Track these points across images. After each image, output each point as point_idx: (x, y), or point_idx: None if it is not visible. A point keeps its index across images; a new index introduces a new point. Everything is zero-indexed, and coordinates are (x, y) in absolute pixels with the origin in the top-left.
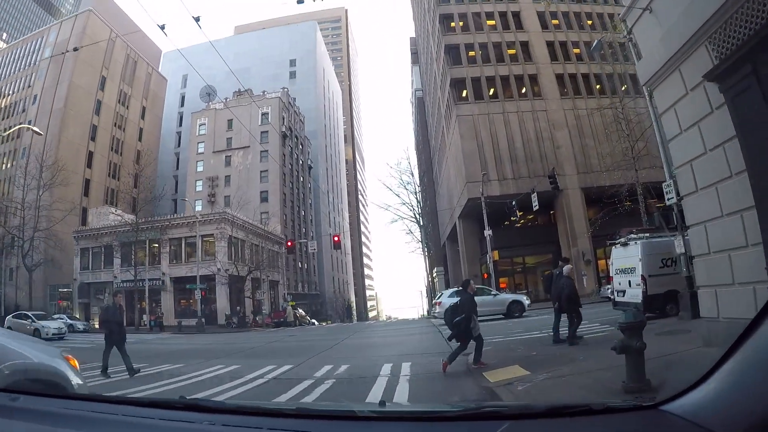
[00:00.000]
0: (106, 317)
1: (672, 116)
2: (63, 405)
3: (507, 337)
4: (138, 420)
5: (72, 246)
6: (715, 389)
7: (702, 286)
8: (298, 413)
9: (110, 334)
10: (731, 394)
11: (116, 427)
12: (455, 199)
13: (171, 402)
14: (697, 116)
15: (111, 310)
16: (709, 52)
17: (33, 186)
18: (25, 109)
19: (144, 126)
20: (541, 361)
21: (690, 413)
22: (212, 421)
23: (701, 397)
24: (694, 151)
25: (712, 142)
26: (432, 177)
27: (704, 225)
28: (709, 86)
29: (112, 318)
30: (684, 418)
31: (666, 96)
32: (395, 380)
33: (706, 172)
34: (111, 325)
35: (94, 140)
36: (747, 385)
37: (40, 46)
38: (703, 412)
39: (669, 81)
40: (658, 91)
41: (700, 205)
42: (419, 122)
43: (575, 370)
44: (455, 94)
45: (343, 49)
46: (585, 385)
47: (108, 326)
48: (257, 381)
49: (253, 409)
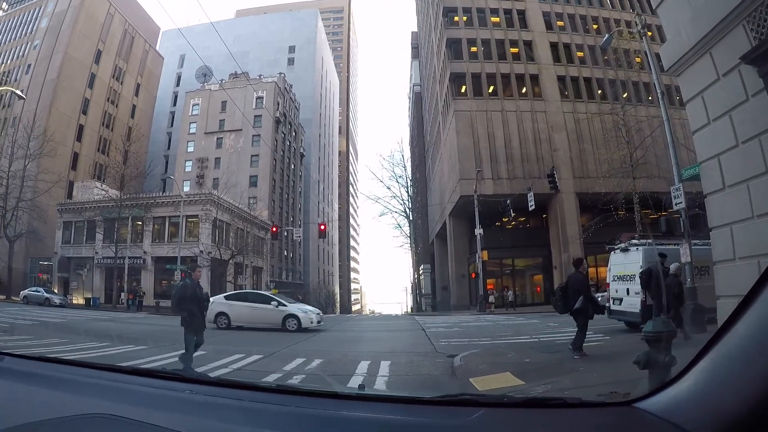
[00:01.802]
0: (183, 296)
1: (699, 105)
2: (47, 368)
3: (495, 340)
4: (120, 386)
5: (55, 219)
6: (687, 388)
7: (724, 296)
8: (279, 390)
9: (191, 318)
10: (703, 393)
11: (99, 391)
12: (447, 196)
13: (153, 371)
14: (729, 104)
15: (190, 288)
16: (747, 33)
17: (20, 155)
18: (18, 78)
19: (137, 103)
20: (537, 370)
21: (662, 410)
22: (194, 390)
23: (674, 395)
24: (724, 143)
25: (746, 133)
26: (424, 173)
27: (730, 227)
28: (746, 70)
29: (193, 297)
30: (656, 415)
31: (693, 82)
32: (372, 380)
33: (737, 168)
34: (192, 306)
35: (86, 114)
36: (718, 384)
37: (37, 15)
38: (675, 409)
39: (698, 65)
40: (683, 76)
41: (727, 204)
42: (415, 117)
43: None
44: (454, 88)
45: (344, 39)
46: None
47: (188, 308)
48: (220, 371)
49: (234, 382)
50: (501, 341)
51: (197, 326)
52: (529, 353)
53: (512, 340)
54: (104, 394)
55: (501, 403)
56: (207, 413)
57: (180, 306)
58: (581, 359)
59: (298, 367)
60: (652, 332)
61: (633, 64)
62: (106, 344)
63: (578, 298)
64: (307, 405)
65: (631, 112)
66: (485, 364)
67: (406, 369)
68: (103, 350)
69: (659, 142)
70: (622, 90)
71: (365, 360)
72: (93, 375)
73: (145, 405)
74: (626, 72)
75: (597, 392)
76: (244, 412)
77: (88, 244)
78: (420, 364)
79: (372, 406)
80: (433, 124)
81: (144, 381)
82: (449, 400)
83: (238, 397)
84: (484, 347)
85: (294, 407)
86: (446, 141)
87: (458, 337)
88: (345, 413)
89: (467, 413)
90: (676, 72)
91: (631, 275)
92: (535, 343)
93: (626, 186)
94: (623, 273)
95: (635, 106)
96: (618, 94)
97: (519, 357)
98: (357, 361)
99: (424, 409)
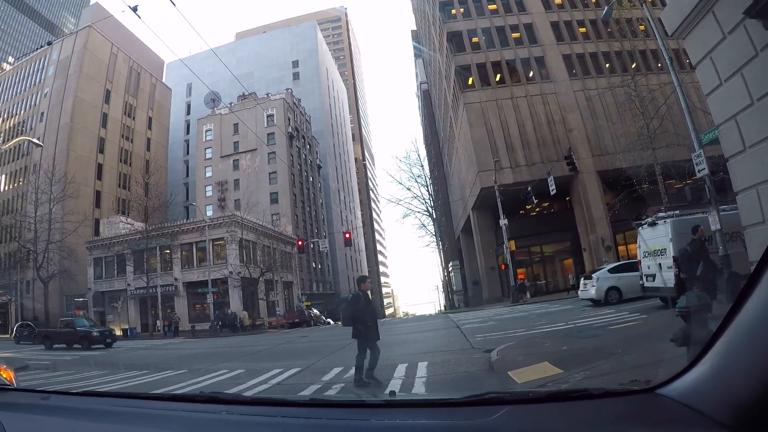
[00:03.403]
0: (355, 310)
1: (708, 66)
2: (91, 402)
3: (530, 330)
4: (162, 413)
5: (85, 256)
6: (704, 371)
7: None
8: (311, 403)
9: (366, 331)
10: (721, 375)
11: (140, 420)
12: (468, 190)
13: (190, 396)
14: (738, 62)
15: (360, 300)
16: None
17: (44, 200)
18: (33, 127)
19: (151, 136)
20: (574, 357)
21: (682, 396)
22: (230, 411)
23: (693, 379)
24: (739, 103)
25: (760, 89)
26: (443, 170)
27: (756, 189)
28: (751, 25)
29: (367, 308)
30: (677, 400)
31: (699, 44)
32: (410, 382)
33: (756, 126)
34: (365, 316)
35: (103, 152)
36: (734, 366)
37: (43, 65)
38: (695, 394)
39: (702, 26)
40: (689, 39)
41: (750, 166)
42: (426, 115)
43: (616, 366)
44: (461, 82)
45: (345, 47)
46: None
47: (360, 320)
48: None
49: (268, 400)
50: (537, 331)
51: (372, 336)
52: (566, 340)
53: (548, 329)
54: (146, 422)
55: (525, 399)
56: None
57: (354, 317)
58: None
59: (337, 377)
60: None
61: (637, 32)
62: (146, 372)
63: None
64: (336, 416)
65: (642, 82)
66: (522, 356)
67: (443, 368)
68: (144, 377)
69: (675, 108)
70: (630, 60)
71: (402, 363)
72: (134, 405)
73: (185, 429)
74: (632, 42)
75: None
76: (276, 428)
77: (120, 277)
78: (457, 362)
79: (398, 413)
80: (444, 119)
81: (182, 406)
82: (475, 400)
83: (272, 414)
84: (520, 339)
85: (325, 419)
86: (460, 135)
87: (493, 330)
88: (373, 421)
89: (491, 412)
90: (681, 35)
91: (661, 249)
92: (572, 330)
93: (647, 158)
94: (653, 248)
95: (646, 75)
96: (627, 66)
97: (556, 345)
98: (394, 365)
99: (449, 411)
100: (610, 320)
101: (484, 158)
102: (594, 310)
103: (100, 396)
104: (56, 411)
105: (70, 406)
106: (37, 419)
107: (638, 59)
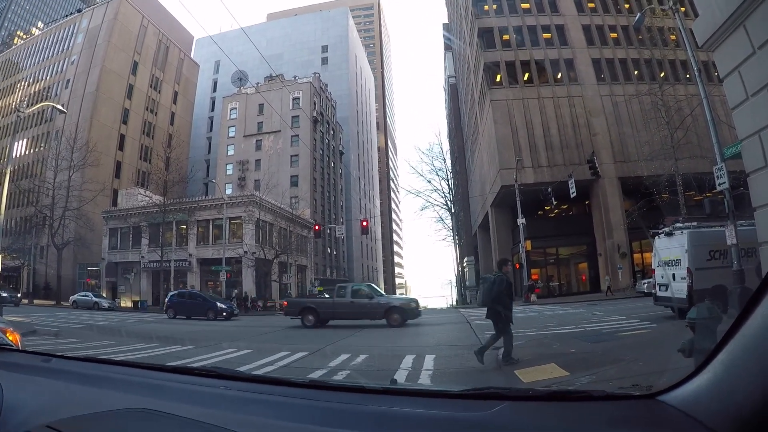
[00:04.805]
0: (499, 291)
1: (736, 80)
2: (91, 368)
3: (540, 331)
4: (160, 383)
5: (101, 226)
6: (708, 380)
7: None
8: (310, 385)
9: (506, 312)
10: (721, 386)
11: (139, 388)
12: (488, 187)
13: (191, 369)
14: (766, 78)
15: (504, 282)
16: None
17: (64, 167)
18: (58, 94)
19: (176, 110)
20: (582, 360)
21: (683, 404)
22: (228, 386)
23: (694, 388)
24: (764, 119)
25: None
26: (464, 165)
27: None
28: None
29: (505, 292)
30: (677, 408)
31: (729, 57)
32: (416, 374)
33: None
34: (504, 299)
35: (126, 123)
36: (735, 377)
37: (72, 32)
38: (695, 403)
39: (732, 39)
40: (718, 52)
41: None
42: (452, 109)
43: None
44: (489, 78)
45: (376, 36)
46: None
47: (501, 302)
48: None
49: (267, 378)
50: (547, 332)
51: (508, 317)
52: (575, 343)
53: (558, 331)
54: (144, 391)
55: (525, 396)
56: (238, 408)
57: (494, 298)
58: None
59: (343, 363)
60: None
61: (668, 41)
62: (154, 345)
63: None
64: (335, 399)
65: (669, 91)
66: (530, 356)
67: (450, 363)
68: (150, 350)
69: (700, 120)
70: (659, 69)
71: (410, 354)
72: (135, 373)
73: (181, 400)
74: (661, 51)
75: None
76: (273, 406)
77: (134, 249)
78: (465, 357)
79: (398, 400)
80: (470, 115)
81: (183, 378)
82: (474, 394)
83: (270, 392)
84: (529, 338)
85: (323, 402)
86: (484, 131)
87: None
88: (371, 407)
89: (490, 406)
90: (711, 47)
91: (676, 260)
92: (581, 333)
93: (668, 168)
94: (668, 258)
95: (673, 85)
96: (655, 74)
97: (564, 347)
98: (402, 356)
99: (449, 402)
100: (620, 326)
101: (506, 156)
102: (605, 316)
103: (101, 363)
104: (56, 374)
105: (70, 370)
106: (37, 380)
107: (667, 68)
